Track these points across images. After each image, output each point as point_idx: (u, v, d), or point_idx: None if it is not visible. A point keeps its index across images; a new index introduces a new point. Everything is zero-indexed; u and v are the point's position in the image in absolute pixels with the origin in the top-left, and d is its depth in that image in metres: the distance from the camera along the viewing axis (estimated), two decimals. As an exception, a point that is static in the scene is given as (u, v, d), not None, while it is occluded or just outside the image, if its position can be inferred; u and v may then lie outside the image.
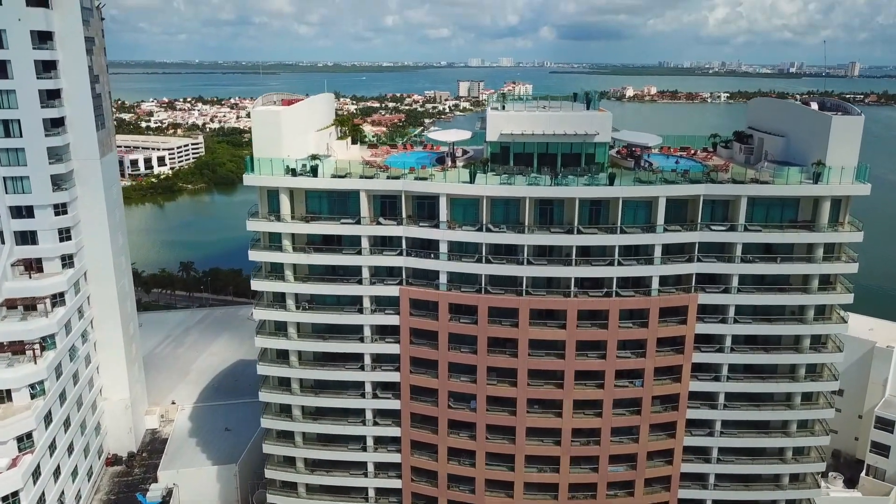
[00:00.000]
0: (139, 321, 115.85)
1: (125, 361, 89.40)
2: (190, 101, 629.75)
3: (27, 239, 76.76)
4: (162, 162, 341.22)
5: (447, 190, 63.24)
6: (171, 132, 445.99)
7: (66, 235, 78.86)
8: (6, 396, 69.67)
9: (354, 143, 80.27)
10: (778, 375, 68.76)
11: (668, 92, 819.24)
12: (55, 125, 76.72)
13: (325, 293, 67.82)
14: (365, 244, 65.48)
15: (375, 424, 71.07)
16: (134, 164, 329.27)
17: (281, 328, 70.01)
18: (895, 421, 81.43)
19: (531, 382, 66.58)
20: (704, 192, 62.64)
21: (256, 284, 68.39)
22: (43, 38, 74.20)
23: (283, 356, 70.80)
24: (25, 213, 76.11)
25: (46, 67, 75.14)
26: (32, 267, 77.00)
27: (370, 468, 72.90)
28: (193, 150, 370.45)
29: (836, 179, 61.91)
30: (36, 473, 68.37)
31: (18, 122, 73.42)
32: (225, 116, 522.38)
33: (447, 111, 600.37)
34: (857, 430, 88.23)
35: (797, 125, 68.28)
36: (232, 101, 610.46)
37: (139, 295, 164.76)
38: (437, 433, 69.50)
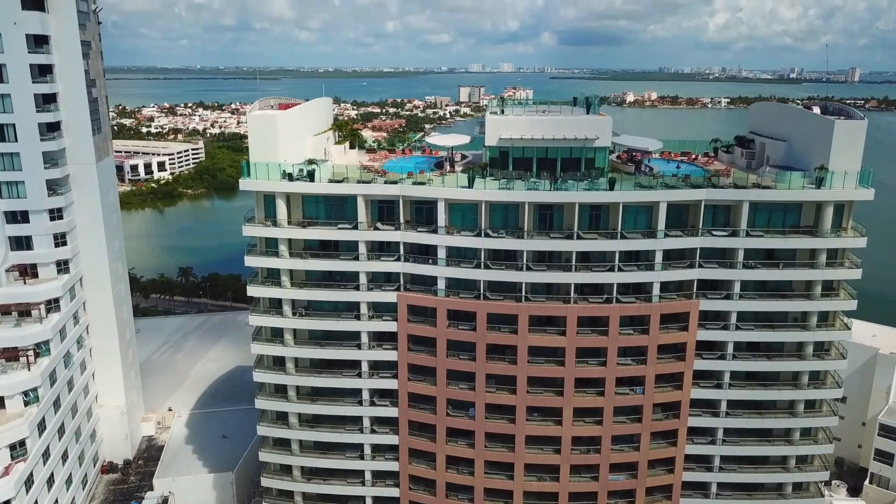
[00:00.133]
0: (137, 327, 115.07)
1: (121, 368, 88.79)
2: (191, 106, 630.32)
3: (22, 244, 76.30)
4: (162, 167, 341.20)
5: (445, 195, 62.70)
6: (171, 137, 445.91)
7: (61, 240, 78.38)
8: (-1, 403, 68.95)
9: (353, 147, 79.68)
10: (781, 383, 68.09)
11: (668, 97, 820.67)
12: (51, 129, 76.38)
13: (321, 299, 67.38)
14: (362, 250, 64.98)
15: (373, 432, 70.44)
16: (134, 169, 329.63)
17: (277, 335, 69.42)
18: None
19: (530, 390, 66.01)
20: (706, 196, 62.12)
21: (252, 290, 67.87)
22: (39, 41, 73.97)
23: (279, 363, 70.28)
24: (20, 217, 75.66)
25: (42, 71, 74.85)
26: (27, 272, 76.54)
27: (368, 477, 72.24)
28: (194, 155, 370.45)
29: (838, 184, 61.41)
30: (29, 482, 67.60)
31: (13, 126, 73.11)
32: (226, 122, 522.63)
33: (448, 116, 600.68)
34: (860, 437, 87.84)
35: (799, 130, 67.71)
36: (233, 106, 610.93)
37: (138, 300, 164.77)
38: (435, 441, 68.88)
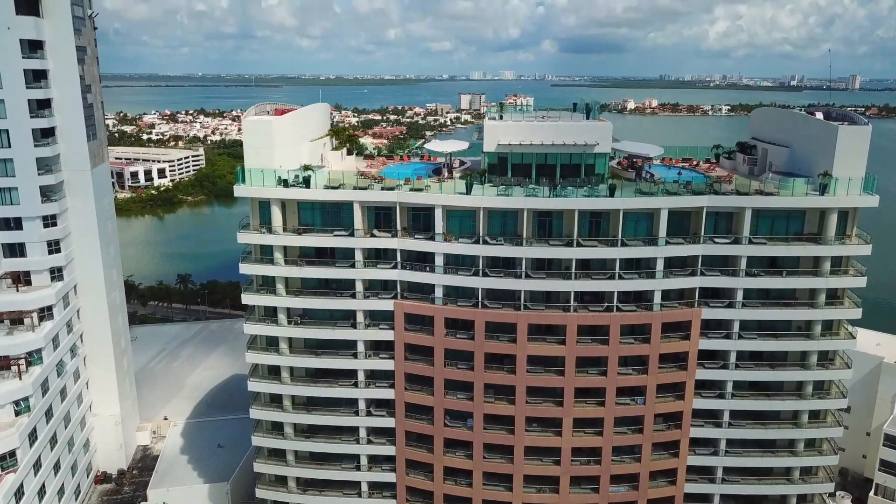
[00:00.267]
0: (133, 335, 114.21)
1: (116, 376, 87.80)
2: (192, 113, 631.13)
3: (15, 251, 75.51)
4: (162, 174, 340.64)
5: (443, 201, 61.91)
6: (172, 144, 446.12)
7: (55, 247, 77.58)
8: (-11, 413, 67.94)
9: (350, 153, 78.94)
10: (784, 393, 67.25)
11: (669, 105, 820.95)
12: (45, 135, 75.70)
13: (317, 307, 66.60)
14: (359, 257, 64.19)
15: (369, 443, 69.49)
16: (134, 175, 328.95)
17: (273, 343, 68.68)
18: (905, 439, 79.52)
19: (530, 400, 65.07)
20: (707, 203, 61.34)
21: (247, 298, 67.09)
22: (33, 46, 73.33)
23: (274, 372, 69.46)
24: (13, 224, 74.91)
25: (36, 77, 74.26)
26: (20, 280, 75.64)
27: (364, 488, 71.28)
28: (194, 161, 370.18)
29: (842, 191, 60.62)
30: (19, 493, 66.53)
31: (7, 131, 72.48)
32: (226, 129, 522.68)
33: (448, 124, 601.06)
34: (864, 448, 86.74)
35: (802, 135, 66.92)
36: (234, 113, 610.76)
37: (135, 308, 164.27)
38: (432, 452, 67.91)
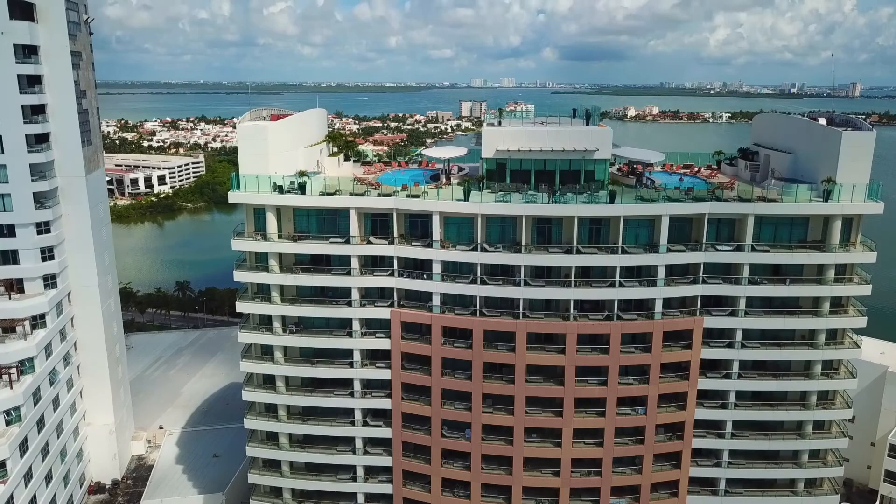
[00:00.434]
0: (130, 342, 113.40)
1: (110, 385, 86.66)
2: (193, 120, 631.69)
3: (8, 258, 74.40)
4: (162, 181, 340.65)
5: (440, 208, 61.01)
6: (173, 151, 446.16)
7: (48, 255, 76.53)
8: (-21, 424, 66.91)
9: (347, 160, 78.09)
10: (788, 403, 66.20)
11: (669, 112, 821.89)
12: (39, 141, 74.84)
13: (313, 316, 65.58)
14: (355, 264, 63.24)
15: (366, 453, 68.40)
16: (134, 182, 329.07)
17: (267, 352, 67.68)
18: (910, 449, 78.55)
19: (529, 410, 64.02)
20: (709, 210, 60.41)
21: (242, 306, 66.17)
22: (27, 51, 72.57)
23: (269, 381, 68.40)
24: (6, 231, 73.81)
25: (31, 82, 73.42)
26: (13, 287, 74.64)
27: (360, 499, 70.13)
28: (194, 168, 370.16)
29: (847, 197, 59.67)
30: (9, 504, 65.35)
31: (0, 137, 71.36)
32: (227, 136, 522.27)
33: (449, 131, 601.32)
34: (869, 458, 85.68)
35: (805, 141, 66.02)
36: (235, 120, 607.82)
37: (133, 315, 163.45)
38: (430, 463, 66.75)
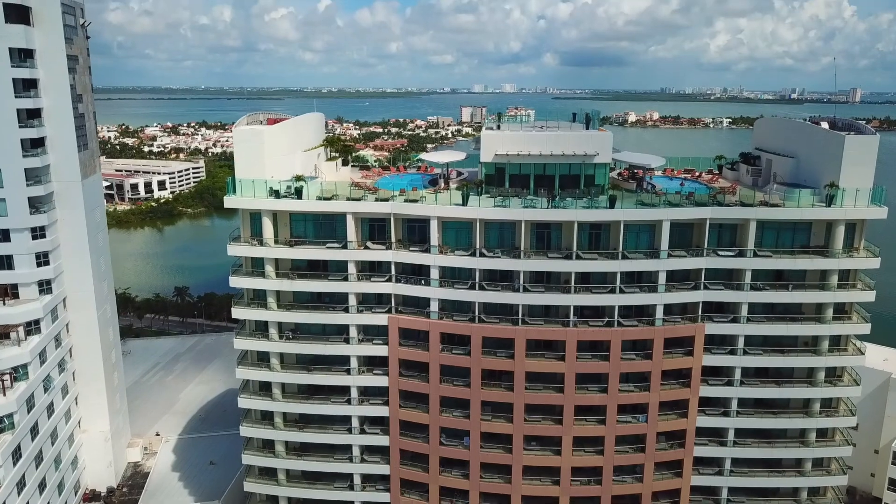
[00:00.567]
0: (127, 348, 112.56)
1: (106, 391, 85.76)
2: (194, 125, 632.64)
3: (2, 263, 73.61)
4: (162, 186, 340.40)
5: (438, 213, 60.47)
6: (173, 156, 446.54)
7: (43, 260, 75.79)
8: (-29, 431, 66.03)
9: (346, 164, 77.50)
10: (791, 410, 65.51)
11: (670, 117, 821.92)
12: (34, 145, 74.20)
13: (309, 322, 65.11)
14: (352, 270, 62.71)
15: (363, 461, 67.79)
16: (134, 188, 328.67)
17: (264, 359, 67.05)
18: (915, 457, 77.68)
19: (528, 418, 63.39)
20: (711, 215, 59.84)
21: (237, 312, 65.56)
22: (23, 55, 71.98)
23: (265, 388, 67.88)
24: (1, 236, 73.11)
25: (26, 86, 72.82)
26: (7, 293, 73.92)
27: (358, 508, 69.09)
28: (195, 174, 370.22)
29: (850, 202, 59.12)
30: (1, 513, 64.41)
31: (-6, 142, 70.80)
32: (228, 141, 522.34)
33: (450, 136, 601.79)
34: (872, 466, 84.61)
35: (807, 146, 65.46)
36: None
37: (131, 320, 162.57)
38: (428, 471, 66.10)
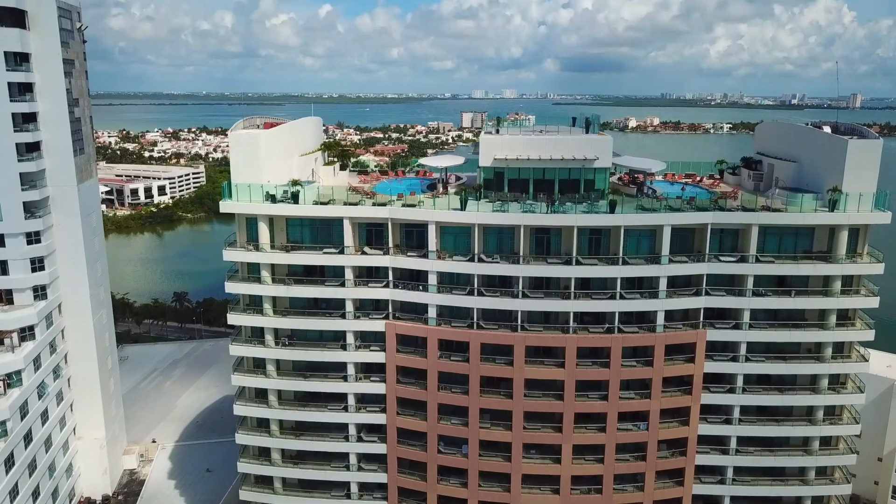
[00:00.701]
0: (125, 354, 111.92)
1: (101, 398, 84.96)
2: (194, 131, 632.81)
3: (-3, 269, 73.04)
4: (162, 191, 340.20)
5: (436, 217, 59.81)
6: (174, 162, 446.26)
7: (38, 265, 75.09)
8: (-37, 439, 65.29)
9: (344, 169, 76.93)
10: (794, 418, 64.69)
11: (670, 123, 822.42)
12: (30, 150, 73.60)
13: (306, 328, 64.38)
14: (349, 275, 62.00)
15: (360, 469, 66.92)
16: (134, 193, 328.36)
17: (260, 365, 66.31)
18: (919, 466, 76.79)
19: (527, 425, 62.64)
20: (712, 220, 59.15)
21: (233, 318, 64.83)
22: (18, 59, 71.52)
23: (261, 395, 67.13)
24: (-5, 241, 72.49)
25: (22, 90, 72.33)
26: (2, 298, 73.32)
27: (355, 517, 68.19)
28: (195, 179, 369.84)
29: (853, 207, 58.43)
30: (-7, 522, 63.63)
31: (-11, 146, 70.21)
32: (228, 146, 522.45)
33: (450, 142, 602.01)
34: (876, 473, 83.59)
35: (810, 150, 64.84)
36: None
37: (130, 326, 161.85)
38: (426, 480, 65.35)
